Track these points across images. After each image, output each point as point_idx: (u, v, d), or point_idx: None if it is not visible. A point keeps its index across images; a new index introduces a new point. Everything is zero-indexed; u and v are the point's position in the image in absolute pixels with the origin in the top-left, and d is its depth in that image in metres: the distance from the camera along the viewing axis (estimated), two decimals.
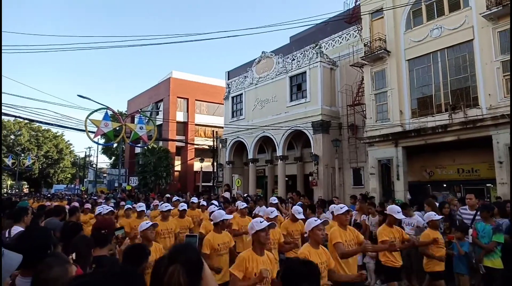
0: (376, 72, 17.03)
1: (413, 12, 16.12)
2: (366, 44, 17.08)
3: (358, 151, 18.96)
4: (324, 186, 18.68)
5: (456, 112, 14.13)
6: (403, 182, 15.57)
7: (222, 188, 22.94)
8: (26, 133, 50.48)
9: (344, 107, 19.81)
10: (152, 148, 31.75)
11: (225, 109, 26.77)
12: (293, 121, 20.36)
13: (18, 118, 16.90)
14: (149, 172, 31.42)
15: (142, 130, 16.80)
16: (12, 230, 4.42)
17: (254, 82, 23.70)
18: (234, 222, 6.53)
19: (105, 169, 50.15)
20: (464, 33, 14.29)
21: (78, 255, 2.54)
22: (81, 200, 16.45)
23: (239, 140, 24.52)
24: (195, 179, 35.03)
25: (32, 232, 2.77)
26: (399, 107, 15.97)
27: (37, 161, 50.27)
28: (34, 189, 51.18)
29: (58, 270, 1.91)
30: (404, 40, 16.23)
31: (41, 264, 1.94)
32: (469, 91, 14.17)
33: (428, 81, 15.45)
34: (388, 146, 16.19)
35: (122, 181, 29.01)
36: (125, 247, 2.91)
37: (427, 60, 15.49)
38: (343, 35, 21.09)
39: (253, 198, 13.34)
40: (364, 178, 18.76)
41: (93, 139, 16.36)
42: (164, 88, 37.87)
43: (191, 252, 1.68)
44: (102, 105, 17.22)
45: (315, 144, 19.21)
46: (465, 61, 14.36)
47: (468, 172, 15.46)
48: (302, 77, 20.67)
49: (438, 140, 14.74)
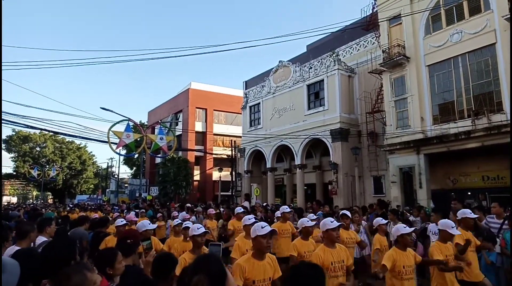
0: (396, 78, 16.83)
1: (432, 17, 15.92)
2: (385, 51, 16.93)
3: (379, 159, 18.67)
4: (344, 195, 18.44)
5: (480, 118, 13.78)
6: (426, 190, 15.21)
7: (241, 197, 22.97)
8: (51, 145, 52.04)
9: (363, 115, 19.61)
10: (172, 158, 32.15)
11: (243, 119, 26.93)
12: (311, 130, 20.27)
13: (43, 130, 17.47)
14: (169, 181, 31.79)
15: (163, 140, 17.03)
16: (37, 240, 4.55)
17: (271, 91, 23.79)
18: None
19: (127, 179, 50.99)
20: (485, 36, 14.00)
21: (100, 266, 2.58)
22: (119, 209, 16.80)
23: (257, 149, 24.56)
24: (214, 189, 35.22)
25: (56, 243, 2.84)
26: (420, 114, 15.69)
27: (61, 172, 51.61)
28: (58, 200, 52.48)
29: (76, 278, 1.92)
30: (424, 46, 16.01)
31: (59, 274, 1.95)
32: (493, 96, 13.81)
33: (449, 86, 15.15)
34: (410, 153, 15.88)
35: (142, 191, 29.47)
36: (154, 256, 2.94)
37: (447, 65, 15.21)
38: (360, 42, 20.98)
39: (272, 207, 13.31)
40: (385, 186, 18.43)
41: (115, 150, 16.69)
42: (183, 99, 38.49)
43: (215, 262, 1.71)
44: (124, 117, 17.62)
45: (334, 152, 19.03)
46: (487, 65, 14.03)
47: (494, 180, 14.97)
48: (319, 85, 20.62)
49: (461, 147, 14.38)
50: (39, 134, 49.53)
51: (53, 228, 4.94)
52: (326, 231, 3.82)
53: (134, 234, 3.46)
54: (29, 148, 51.31)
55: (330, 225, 3.80)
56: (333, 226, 3.80)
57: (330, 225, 3.81)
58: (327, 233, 3.82)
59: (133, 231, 3.60)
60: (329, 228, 3.80)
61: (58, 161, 52.16)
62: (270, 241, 3.33)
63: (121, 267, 2.65)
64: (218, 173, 28.04)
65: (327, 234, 3.81)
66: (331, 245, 3.81)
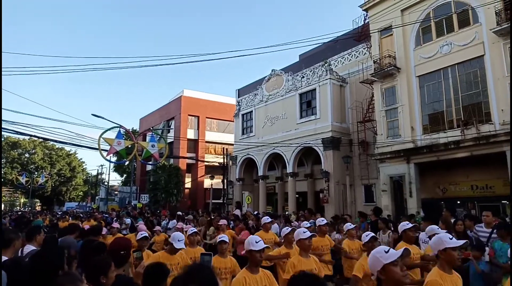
0: (386, 88, 17.04)
1: (422, 29, 16.21)
2: (376, 61, 17.17)
3: (370, 168, 18.80)
4: (336, 203, 18.48)
5: (469, 128, 13.99)
6: (416, 199, 15.34)
7: (232, 205, 22.86)
8: (40, 151, 51.36)
9: (354, 124, 19.77)
10: (163, 165, 31.94)
11: (235, 127, 26.94)
12: (303, 138, 20.35)
13: (33, 137, 17.26)
14: (160, 189, 31.52)
15: (154, 148, 16.96)
16: (25, 249, 4.45)
17: (264, 99, 23.89)
18: None
19: (117, 186, 50.45)
20: (474, 49, 14.29)
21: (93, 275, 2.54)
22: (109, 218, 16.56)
23: (249, 157, 24.55)
24: (205, 196, 35.01)
25: (43, 252, 2.80)
26: (410, 123, 15.88)
27: (50, 179, 50.89)
28: (46, 207, 51.65)
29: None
30: (414, 57, 16.27)
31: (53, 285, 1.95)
32: (481, 107, 14.05)
33: (439, 97, 15.39)
34: (400, 162, 16.03)
35: (133, 199, 29.16)
36: (145, 266, 2.92)
37: (437, 76, 15.47)
38: (352, 53, 21.25)
39: (263, 215, 13.25)
40: (376, 195, 18.52)
41: (106, 157, 16.54)
42: (175, 106, 38.40)
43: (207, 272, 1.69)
44: (115, 124, 17.52)
45: (325, 161, 19.12)
46: (476, 76, 14.30)
47: (483, 189, 15.16)
48: (312, 94, 20.77)
49: (450, 156, 14.56)
50: (28, 140, 48.89)
51: (41, 236, 4.85)
52: (299, 240, 4.02)
53: (126, 245, 3.43)
54: (18, 154, 50.58)
55: (303, 235, 4.01)
56: (305, 236, 4.00)
57: (303, 235, 4.02)
58: (299, 242, 4.01)
59: (126, 241, 3.56)
60: (301, 238, 4.01)
61: (47, 168, 51.46)
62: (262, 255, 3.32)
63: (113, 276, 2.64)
64: (210, 181, 27.89)
65: (300, 243, 4.00)
66: (305, 254, 4.00)
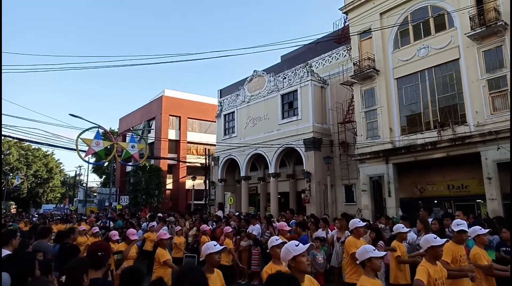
0: (366, 90, 17.34)
1: (400, 32, 16.57)
2: (356, 63, 17.44)
3: (350, 168, 19.07)
4: (317, 203, 18.66)
5: (445, 129, 14.39)
6: (395, 198, 15.66)
7: (215, 206, 22.76)
8: (15, 152, 49.82)
9: (335, 125, 20.02)
10: (143, 166, 31.50)
11: (217, 127, 26.85)
12: (285, 139, 20.48)
13: (7, 137, 16.73)
14: (140, 190, 31.08)
15: (134, 148, 16.63)
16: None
17: (246, 100, 23.91)
18: None
19: (96, 188, 49.48)
20: (450, 52, 14.71)
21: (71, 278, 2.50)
22: None
23: (231, 158, 24.51)
24: (187, 197, 34.73)
25: (15, 257, 2.75)
26: (388, 125, 16.21)
27: (26, 181, 49.45)
28: (22, 209, 50.15)
29: None
30: (392, 59, 16.61)
31: None
32: (457, 109, 14.47)
33: (416, 99, 15.76)
34: (379, 163, 16.33)
35: (112, 200, 28.64)
36: (123, 269, 2.88)
37: (415, 79, 15.84)
38: (333, 55, 21.51)
39: (246, 216, 13.27)
40: (356, 195, 18.81)
41: (84, 158, 16.17)
42: (156, 106, 37.95)
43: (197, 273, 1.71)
44: (94, 124, 17.14)
45: (307, 161, 19.29)
46: (452, 79, 14.72)
47: (458, 188, 15.61)
48: (293, 95, 20.92)
49: (427, 157, 14.94)
50: (2, 140, 47.38)
51: (17, 240, 4.75)
52: (272, 248, 4.03)
53: (105, 247, 3.38)
54: None
55: (275, 242, 4.02)
56: (277, 243, 4.01)
57: (275, 242, 4.03)
58: (272, 250, 4.03)
59: (105, 244, 3.51)
60: (274, 245, 4.02)
61: (23, 169, 49.97)
62: (220, 256, 3.69)
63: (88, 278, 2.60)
64: (192, 182, 27.70)
65: (273, 250, 4.02)
66: (278, 262, 3.96)
